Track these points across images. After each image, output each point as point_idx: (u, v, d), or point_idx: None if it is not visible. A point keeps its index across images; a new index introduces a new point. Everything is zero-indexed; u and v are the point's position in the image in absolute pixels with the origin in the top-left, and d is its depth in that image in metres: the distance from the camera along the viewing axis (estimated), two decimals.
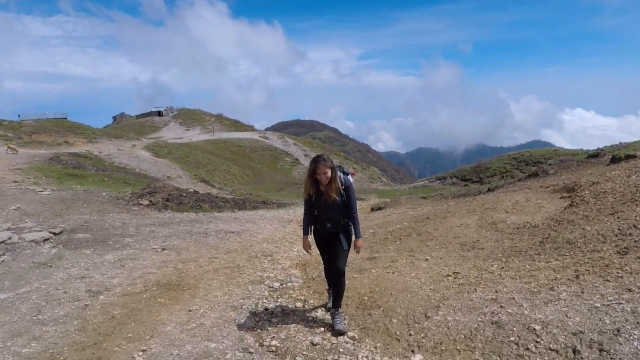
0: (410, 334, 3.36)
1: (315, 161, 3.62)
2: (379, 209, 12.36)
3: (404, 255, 5.78)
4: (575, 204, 6.14)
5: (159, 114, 69.88)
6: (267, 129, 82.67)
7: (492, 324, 3.18)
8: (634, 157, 8.15)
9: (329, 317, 3.95)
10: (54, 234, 8.13)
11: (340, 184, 3.72)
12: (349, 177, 3.89)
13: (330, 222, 3.79)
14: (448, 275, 4.56)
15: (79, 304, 4.62)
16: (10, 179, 15.77)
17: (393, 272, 4.99)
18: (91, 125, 45.11)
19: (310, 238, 3.97)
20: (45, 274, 5.80)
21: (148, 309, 4.39)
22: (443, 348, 3.08)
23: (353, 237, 3.83)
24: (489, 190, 11.00)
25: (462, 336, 3.15)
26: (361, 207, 14.79)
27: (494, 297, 3.66)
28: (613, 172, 7.22)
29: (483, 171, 27.87)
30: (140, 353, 3.37)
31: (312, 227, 3.97)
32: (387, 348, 3.25)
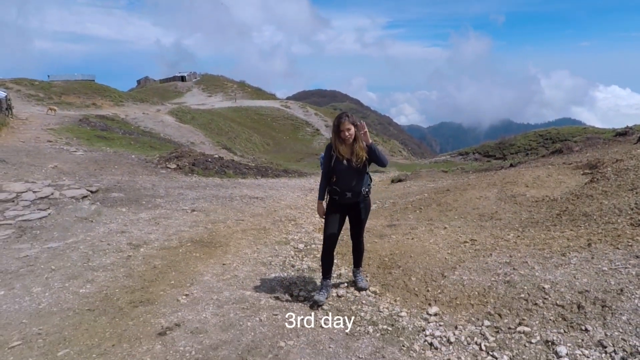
0: (428, 290, 3.66)
1: (339, 116, 3.47)
2: (400, 181, 12.54)
3: (423, 224, 6.03)
4: (596, 179, 6.21)
5: (182, 79, 70.33)
6: (288, 98, 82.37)
7: (504, 283, 3.46)
8: None
9: (347, 279, 4.25)
10: (91, 192, 8.66)
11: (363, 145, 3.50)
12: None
13: (351, 192, 3.57)
14: (465, 242, 4.81)
15: (122, 255, 5.08)
16: (44, 139, 16.51)
17: (412, 238, 5.27)
18: (117, 89, 45.97)
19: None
20: (88, 227, 6.31)
21: (185, 262, 4.80)
22: (458, 302, 3.37)
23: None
24: (511, 165, 11.02)
25: (476, 293, 3.43)
26: (381, 179, 14.99)
27: (508, 260, 3.92)
28: (638, 151, 7.18)
29: (507, 147, 27.44)
30: (184, 297, 3.79)
31: (328, 196, 3.73)
32: (406, 301, 3.56)
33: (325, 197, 3.74)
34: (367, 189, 3.69)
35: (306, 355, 2.83)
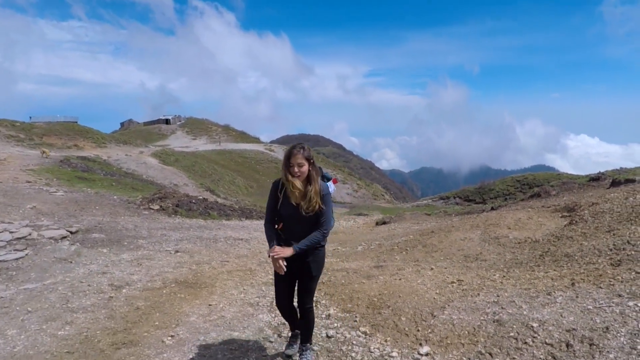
0: (418, 330, 3.64)
1: (292, 147, 2.87)
2: (384, 223, 12.65)
3: (410, 265, 6.06)
4: (574, 222, 6.44)
5: (167, 122, 70.85)
6: (272, 142, 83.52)
7: (493, 322, 3.48)
8: (633, 181, 8.47)
9: (337, 320, 4.14)
10: (71, 232, 8.44)
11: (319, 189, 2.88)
12: (330, 183, 3.19)
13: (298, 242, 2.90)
14: (452, 282, 4.85)
15: (103, 296, 4.92)
16: (23, 179, 16.18)
17: (400, 279, 5.28)
18: (100, 130, 45.88)
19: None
20: (67, 268, 6.11)
21: (170, 302, 4.67)
22: (449, 342, 3.36)
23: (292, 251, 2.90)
24: (492, 209, 11.30)
25: (466, 332, 3.44)
26: (365, 222, 15.07)
27: (496, 300, 3.96)
28: (612, 195, 7.53)
29: (486, 192, 28.17)
30: (169, 338, 3.66)
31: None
32: (397, 341, 3.53)
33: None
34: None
35: None
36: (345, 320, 4.10)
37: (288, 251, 2.85)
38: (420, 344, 3.42)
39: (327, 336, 3.72)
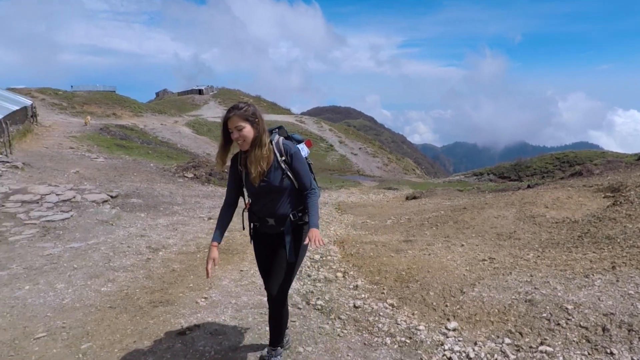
0: (446, 305, 3.63)
1: (227, 109, 2.37)
2: (414, 198, 12.49)
3: (440, 240, 5.99)
4: (618, 203, 6.12)
5: (200, 92, 71.69)
6: (303, 113, 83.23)
7: (525, 301, 3.41)
8: None
9: (365, 291, 4.18)
10: (111, 197, 8.84)
11: (278, 153, 2.41)
12: (303, 146, 2.67)
13: (273, 218, 2.47)
14: (484, 260, 4.77)
15: (142, 257, 5.17)
16: (67, 145, 16.97)
17: (429, 254, 5.23)
18: (137, 100, 47.12)
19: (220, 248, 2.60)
20: (108, 230, 6.43)
21: (203, 266, 4.83)
22: (477, 319, 3.33)
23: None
24: (528, 186, 10.90)
25: (496, 310, 3.39)
26: (395, 196, 14.94)
27: (529, 280, 3.87)
28: None
29: (523, 169, 27.14)
30: (203, 299, 3.83)
31: (250, 225, 2.63)
32: (424, 315, 3.54)
33: (249, 227, 2.64)
34: (298, 214, 2.51)
35: None
36: (372, 292, 4.13)
37: (317, 232, 2.33)
38: (448, 319, 3.41)
39: (355, 306, 3.77)
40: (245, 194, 2.59)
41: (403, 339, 3.17)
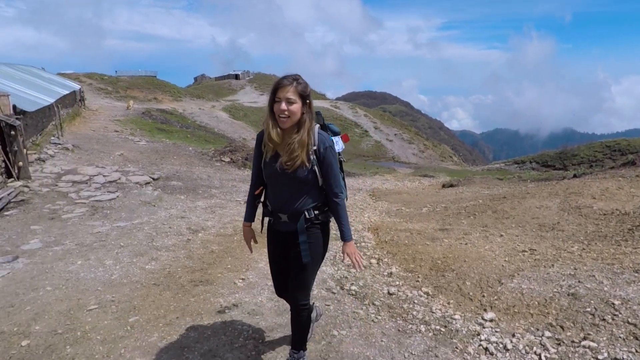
0: (484, 296, 3.56)
1: (282, 77, 2.10)
2: (451, 185, 12.21)
3: (478, 230, 5.85)
4: None
5: (236, 77, 72.63)
6: (337, 99, 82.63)
7: (568, 295, 3.29)
8: None
9: (399, 278, 4.16)
10: (153, 179, 9.22)
11: (315, 141, 2.15)
12: (338, 140, 2.49)
13: (287, 213, 2.23)
14: (524, 251, 4.62)
15: (182, 238, 5.38)
16: (112, 129, 17.75)
17: (466, 244, 5.13)
18: (176, 85, 48.44)
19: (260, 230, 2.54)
20: (151, 211, 6.72)
21: (240, 249, 4.99)
22: (516, 310, 3.26)
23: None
24: (574, 176, 10.38)
25: (536, 302, 3.30)
26: (431, 184, 14.66)
27: (572, 273, 3.72)
28: None
29: (569, 158, 25.83)
30: (240, 280, 3.96)
31: (263, 220, 2.48)
32: (460, 305, 3.49)
33: (261, 222, 2.51)
34: (317, 210, 2.25)
35: (359, 346, 2.87)
36: (407, 280, 4.11)
37: (353, 245, 2.28)
38: (485, 310, 3.35)
39: (389, 293, 3.77)
40: None
41: (438, 327, 3.15)
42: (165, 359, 2.68)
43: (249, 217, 2.45)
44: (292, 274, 2.33)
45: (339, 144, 2.45)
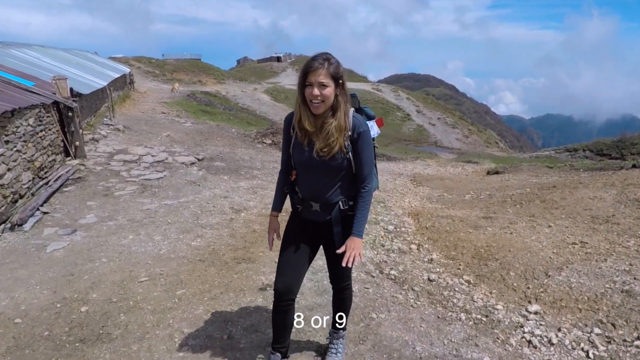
0: (528, 287, 3.45)
1: (312, 58, 1.92)
2: (496, 173, 11.76)
3: (524, 219, 5.62)
4: None
5: (278, 59, 72.97)
6: (380, 81, 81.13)
7: (622, 292, 3.12)
8: None
9: (440, 265, 4.09)
10: (198, 159, 9.54)
11: (349, 125, 2.00)
12: (373, 124, 2.39)
13: (318, 203, 2.11)
14: (574, 244, 4.40)
15: (226, 217, 5.56)
16: (159, 110, 18.45)
17: (511, 233, 4.96)
18: (219, 67, 49.42)
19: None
20: (196, 190, 6.98)
21: (281, 229, 5.10)
22: (563, 304, 3.13)
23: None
24: (634, 166, 9.68)
25: (586, 297, 3.15)
26: (475, 170, 14.19)
27: (628, 269, 3.51)
28: None
29: (627, 147, 24.03)
30: None
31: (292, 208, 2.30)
32: (503, 295, 3.41)
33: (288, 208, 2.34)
34: (349, 203, 2.13)
35: (397, 330, 2.88)
36: (448, 267, 4.05)
37: (359, 243, 2.06)
38: (529, 302, 3.25)
39: (429, 279, 3.74)
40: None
41: (479, 316, 3.10)
42: (210, 331, 2.82)
43: (277, 205, 2.30)
44: (331, 263, 2.29)
45: (374, 129, 2.33)
